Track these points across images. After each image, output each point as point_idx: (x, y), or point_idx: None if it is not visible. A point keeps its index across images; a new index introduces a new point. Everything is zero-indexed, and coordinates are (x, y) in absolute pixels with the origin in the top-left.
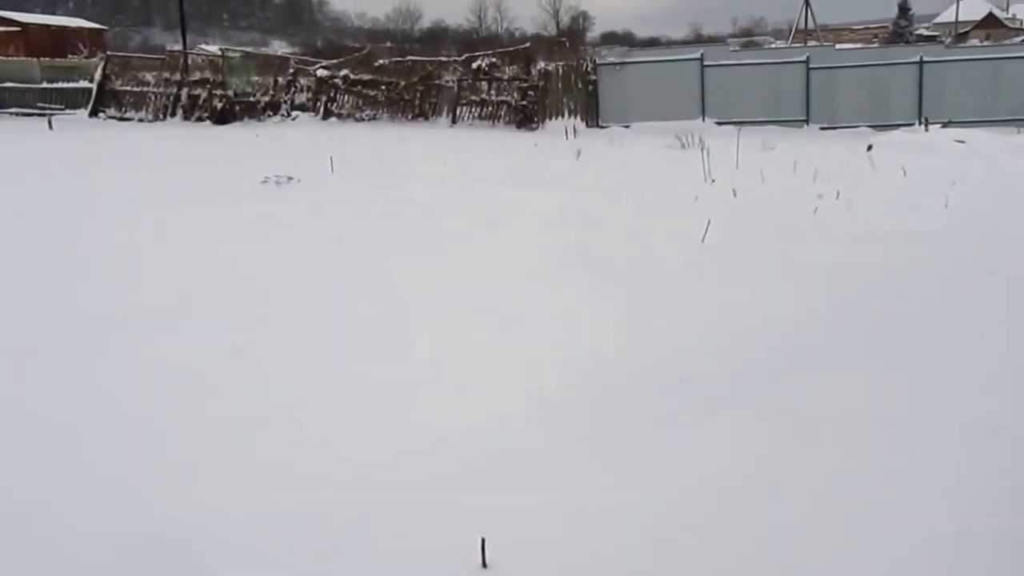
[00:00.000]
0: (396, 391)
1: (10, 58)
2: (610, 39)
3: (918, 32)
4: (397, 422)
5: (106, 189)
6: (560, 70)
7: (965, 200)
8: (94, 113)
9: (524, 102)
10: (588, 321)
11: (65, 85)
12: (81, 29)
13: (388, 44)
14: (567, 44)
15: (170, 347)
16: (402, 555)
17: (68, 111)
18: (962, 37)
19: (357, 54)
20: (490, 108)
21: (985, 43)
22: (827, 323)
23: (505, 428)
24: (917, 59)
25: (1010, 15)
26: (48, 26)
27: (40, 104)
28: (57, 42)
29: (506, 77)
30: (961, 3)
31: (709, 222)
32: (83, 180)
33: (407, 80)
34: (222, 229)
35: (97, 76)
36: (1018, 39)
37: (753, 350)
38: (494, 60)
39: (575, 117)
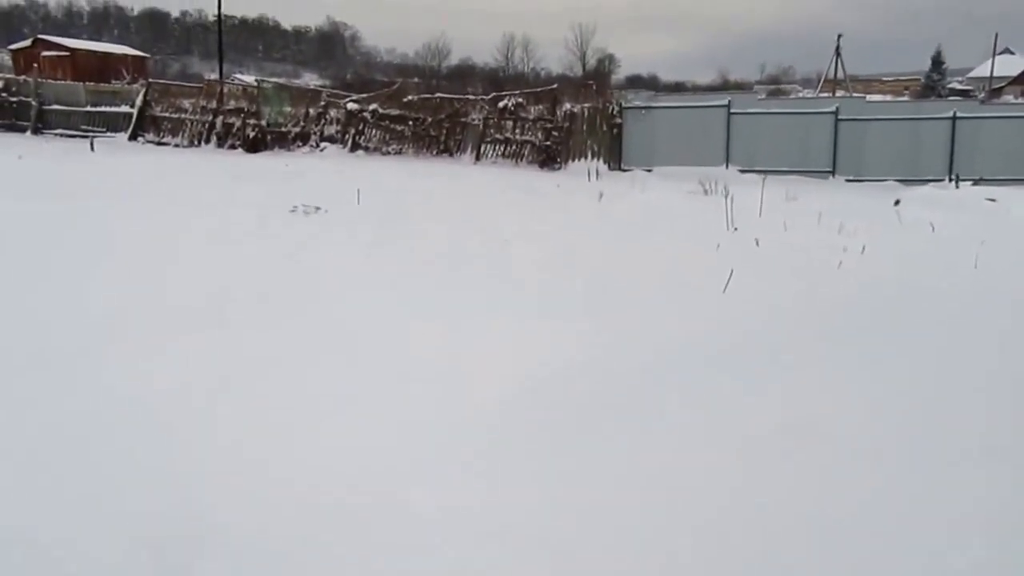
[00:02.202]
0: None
1: (58, 81)
2: (636, 82)
3: (951, 86)
4: None
5: (142, 213)
6: (586, 112)
7: (996, 261)
8: (133, 137)
9: (548, 142)
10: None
11: (108, 109)
12: (125, 56)
13: (416, 80)
14: (594, 87)
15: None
16: None
17: (109, 134)
18: (996, 93)
19: (387, 89)
20: (514, 147)
21: (1020, 99)
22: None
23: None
24: (950, 114)
25: None
26: (94, 52)
27: (84, 126)
28: (102, 67)
29: (531, 117)
30: (997, 58)
31: (732, 271)
32: (123, 200)
33: (434, 116)
34: (250, 254)
35: (138, 102)
36: None
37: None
38: (520, 100)
39: (598, 159)
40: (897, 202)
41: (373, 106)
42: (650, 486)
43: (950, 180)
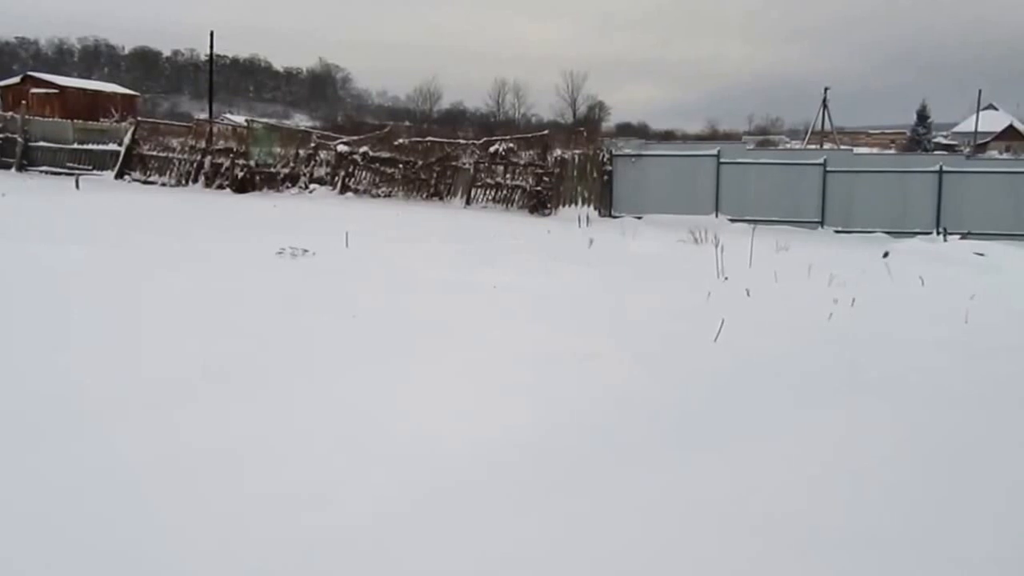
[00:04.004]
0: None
1: (46, 119)
2: (626, 130)
3: (936, 140)
4: None
5: (127, 254)
6: (576, 158)
7: (986, 315)
8: (120, 175)
9: (539, 188)
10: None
11: (95, 147)
12: (114, 94)
13: (407, 123)
14: (585, 134)
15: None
16: None
17: (96, 172)
18: (981, 148)
19: (377, 132)
20: (504, 192)
21: (1005, 155)
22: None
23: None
24: (937, 168)
25: None
26: (84, 90)
27: (70, 164)
28: (91, 105)
29: (522, 162)
30: (981, 114)
31: (723, 322)
32: (106, 243)
33: (425, 160)
34: (234, 299)
35: (126, 140)
36: None
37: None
38: (511, 145)
39: (588, 206)
40: (886, 254)
41: (364, 148)
42: None
43: (938, 233)
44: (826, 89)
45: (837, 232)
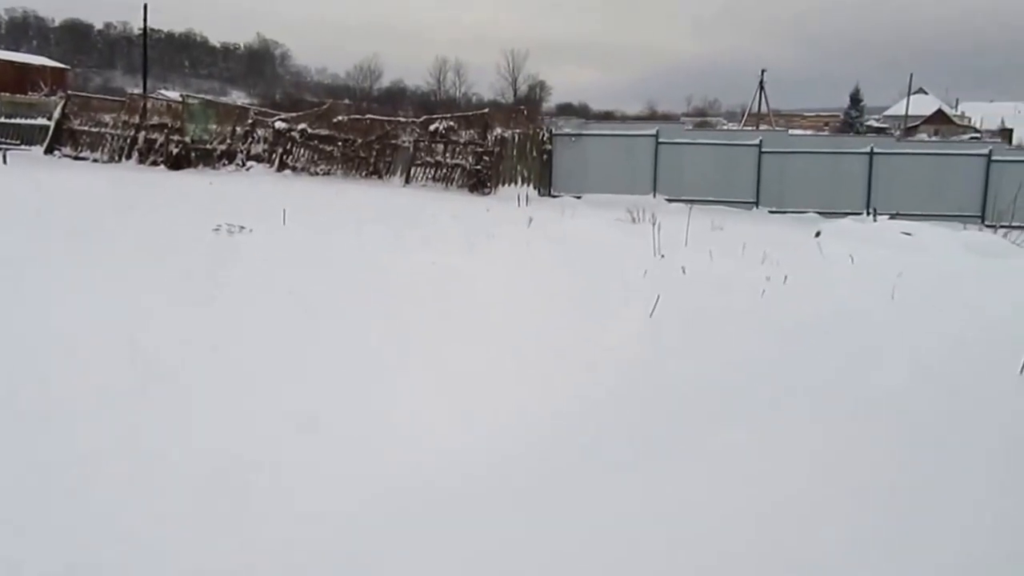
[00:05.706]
0: None
1: None
2: (566, 110)
3: (868, 123)
4: None
5: (60, 228)
6: (516, 137)
7: (911, 292)
8: (49, 151)
9: (479, 167)
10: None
11: (23, 121)
12: (44, 67)
13: (347, 101)
14: (525, 113)
15: None
16: None
17: (24, 147)
18: (911, 131)
19: (316, 109)
20: (444, 171)
21: (933, 138)
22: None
23: None
24: (867, 150)
25: (958, 112)
26: (11, 62)
27: None
28: (19, 78)
29: (462, 141)
30: (912, 98)
31: (658, 297)
32: (37, 217)
33: (364, 138)
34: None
35: (56, 114)
36: (966, 136)
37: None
38: (451, 124)
39: (528, 185)
40: (818, 234)
41: (302, 126)
42: None
43: (868, 214)
44: (763, 71)
45: (771, 212)
